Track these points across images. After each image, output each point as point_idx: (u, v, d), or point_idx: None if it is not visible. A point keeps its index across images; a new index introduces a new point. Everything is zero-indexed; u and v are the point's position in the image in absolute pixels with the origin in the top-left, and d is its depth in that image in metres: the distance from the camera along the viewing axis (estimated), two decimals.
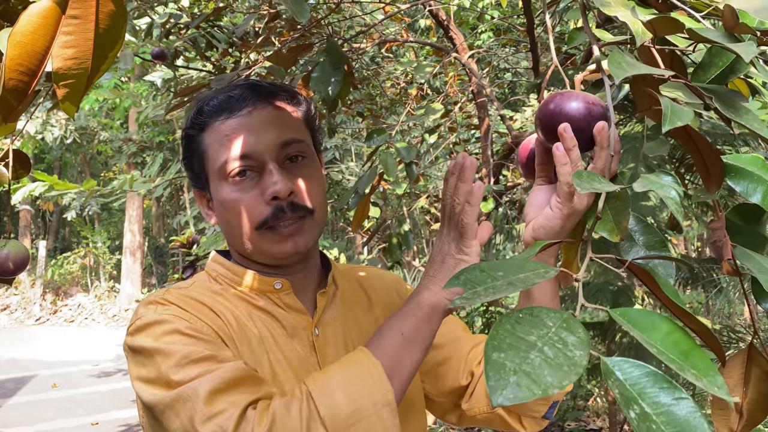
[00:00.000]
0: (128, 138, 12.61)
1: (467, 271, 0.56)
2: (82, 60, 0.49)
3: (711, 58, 0.70)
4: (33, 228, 17.13)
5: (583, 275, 0.60)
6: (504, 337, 0.47)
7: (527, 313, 0.50)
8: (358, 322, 0.99)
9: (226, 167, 0.89)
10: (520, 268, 0.57)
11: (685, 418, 0.46)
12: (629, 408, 0.47)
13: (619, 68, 0.58)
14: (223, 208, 0.91)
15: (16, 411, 5.83)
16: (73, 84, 0.48)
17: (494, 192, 3.03)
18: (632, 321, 0.53)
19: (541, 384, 0.44)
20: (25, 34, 0.45)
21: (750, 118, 0.59)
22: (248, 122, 0.89)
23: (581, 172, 0.59)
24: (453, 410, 1.04)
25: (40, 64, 0.46)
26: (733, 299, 3.39)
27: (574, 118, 0.69)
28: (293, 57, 1.75)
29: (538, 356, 0.46)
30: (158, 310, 0.84)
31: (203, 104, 0.93)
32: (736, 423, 0.82)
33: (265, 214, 0.88)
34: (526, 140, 0.86)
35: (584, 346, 0.48)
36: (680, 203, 0.56)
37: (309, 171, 0.92)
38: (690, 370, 0.48)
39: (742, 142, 2.46)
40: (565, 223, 0.75)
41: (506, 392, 0.43)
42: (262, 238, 0.89)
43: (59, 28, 0.47)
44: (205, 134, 0.92)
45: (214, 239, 6.91)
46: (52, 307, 12.63)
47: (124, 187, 3.96)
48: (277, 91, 0.94)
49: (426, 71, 3.08)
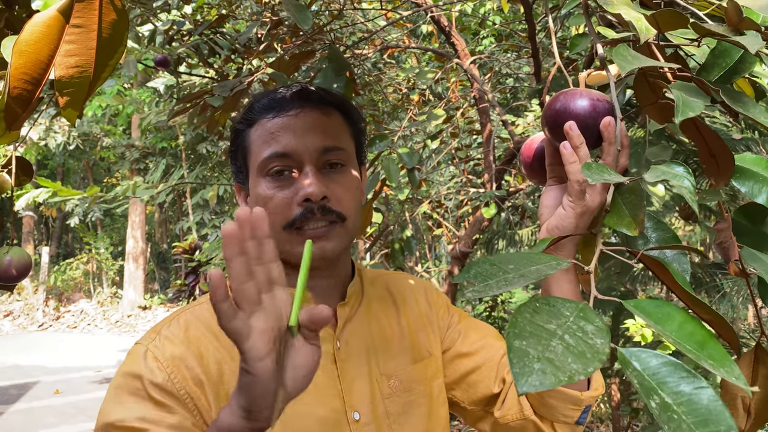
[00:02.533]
0: (131, 144, 12.65)
1: (477, 264, 0.56)
2: (84, 68, 0.49)
3: (714, 58, 0.70)
4: (36, 234, 17.16)
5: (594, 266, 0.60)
6: (524, 325, 0.47)
7: (544, 303, 0.50)
8: (383, 333, 0.98)
9: (265, 163, 0.90)
10: (531, 260, 0.57)
11: (706, 407, 0.45)
12: (650, 398, 0.46)
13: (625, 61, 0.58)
14: (256, 204, 0.92)
15: (18, 417, 5.82)
16: (74, 92, 0.49)
17: (496, 197, 3.03)
18: (646, 312, 0.53)
19: (567, 370, 0.44)
20: (30, 44, 0.45)
21: (757, 112, 0.59)
22: (293, 123, 0.91)
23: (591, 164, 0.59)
24: (485, 418, 1.03)
25: (44, 72, 0.47)
26: (736, 304, 3.38)
27: (580, 116, 0.69)
28: (296, 64, 1.75)
29: (560, 344, 0.46)
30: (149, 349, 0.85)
31: (255, 101, 0.95)
32: (744, 421, 0.82)
33: (295, 214, 0.88)
34: (529, 141, 0.86)
35: (604, 335, 0.48)
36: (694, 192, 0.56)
37: (347, 179, 0.92)
38: (707, 360, 0.48)
39: (744, 147, 2.46)
40: (578, 221, 0.75)
41: (531, 379, 0.43)
42: (289, 238, 0.89)
43: (62, 37, 0.47)
44: (251, 130, 0.94)
45: (216, 245, 6.91)
46: (54, 313, 12.64)
47: (127, 193, 3.97)
48: (328, 99, 0.95)
49: (428, 77, 3.09)
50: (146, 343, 0.86)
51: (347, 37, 3.61)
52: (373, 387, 0.92)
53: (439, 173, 5.38)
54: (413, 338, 1.01)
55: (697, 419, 0.44)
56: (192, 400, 0.82)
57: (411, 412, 0.94)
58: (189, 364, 0.84)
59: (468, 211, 3.88)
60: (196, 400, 0.82)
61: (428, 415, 0.96)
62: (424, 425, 0.95)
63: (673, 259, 0.71)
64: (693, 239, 8.15)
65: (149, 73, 5.01)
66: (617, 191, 0.66)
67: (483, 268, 0.55)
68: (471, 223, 3.36)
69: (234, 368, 0.86)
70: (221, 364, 0.86)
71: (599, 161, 0.70)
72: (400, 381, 0.95)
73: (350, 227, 0.92)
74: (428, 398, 0.97)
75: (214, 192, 7.31)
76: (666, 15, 0.59)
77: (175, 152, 12.32)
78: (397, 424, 0.92)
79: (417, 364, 0.98)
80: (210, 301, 0.60)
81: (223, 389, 0.84)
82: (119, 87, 9.93)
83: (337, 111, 0.96)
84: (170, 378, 0.82)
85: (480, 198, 3.15)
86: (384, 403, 0.92)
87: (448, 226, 4.20)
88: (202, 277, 7.56)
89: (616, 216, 0.63)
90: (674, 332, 0.50)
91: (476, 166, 4.14)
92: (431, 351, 1.02)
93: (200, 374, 0.84)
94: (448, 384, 1.04)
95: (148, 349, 0.85)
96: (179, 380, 0.82)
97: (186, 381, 0.83)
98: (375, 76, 3.94)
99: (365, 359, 0.93)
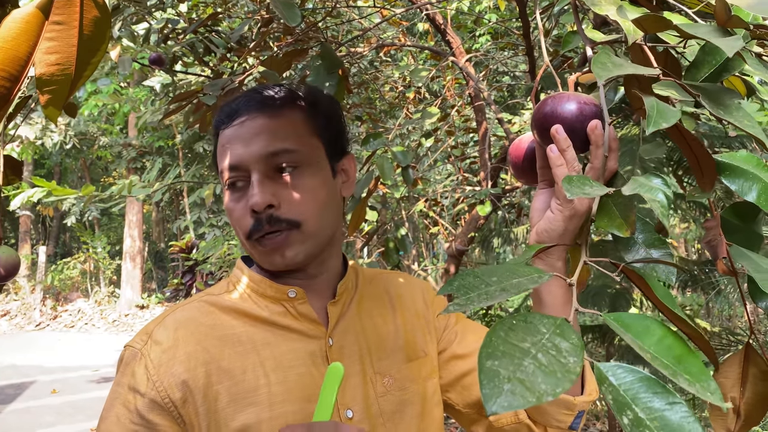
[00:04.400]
0: (128, 143, 12.63)
1: (461, 277, 0.56)
2: (66, 66, 0.49)
3: (704, 56, 0.70)
4: (33, 233, 17.13)
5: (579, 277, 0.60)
6: (498, 344, 0.47)
7: (521, 320, 0.50)
8: (377, 331, 0.98)
9: (222, 176, 0.91)
10: (513, 273, 0.56)
11: (678, 423, 0.46)
12: (622, 414, 0.46)
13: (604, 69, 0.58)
14: (227, 214, 0.94)
15: (15, 417, 5.81)
16: (56, 90, 0.48)
17: (492, 195, 3.03)
18: (625, 325, 0.53)
19: (535, 391, 0.44)
20: (7, 40, 0.45)
21: (740, 116, 0.59)
22: (240, 132, 0.89)
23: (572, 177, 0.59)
24: (480, 421, 1.02)
25: (23, 69, 0.46)
26: (732, 301, 3.38)
27: (567, 119, 0.69)
28: (288, 62, 1.74)
29: (532, 363, 0.46)
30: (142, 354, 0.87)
31: (219, 111, 0.95)
32: (734, 423, 0.82)
33: (249, 225, 0.89)
34: (517, 141, 0.85)
35: (578, 352, 0.48)
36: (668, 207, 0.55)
37: (302, 181, 0.90)
38: (683, 375, 0.48)
39: (739, 144, 2.46)
40: (567, 225, 0.74)
41: (500, 400, 0.43)
42: (253, 248, 0.91)
43: (42, 33, 0.47)
44: (217, 139, 0.94)
45: (213, 244, 6.91)
46: (52, 312, 12.62)
47: (123, 192, 3.96)
48: (280, 100, 0.92)
49: (423, 75, 3.08)
50: (139, 347, 0.88)
51: (343, 35, 3.61)
52: (366, 385, 0.92)
53: (436, 171, 5.38)
54: (408, 337, 1.00)
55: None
56: (176, 409, 0.84)
57: (405, 411, 0.94)
58: (176, 370, 0.85)
59: (464, 209, 3.87)
60: (180, 408, 0.84)
61: (422, 414, 0.96)
62: (418, 424, 0.95)
63: (660, 258, 0.70)
64: (690, 236, 8.16)
65: (145, 72, 5.00)
66: (607, 193, 0.66)
67: (466, 281, 0.55)
68: (467, 221, 3.36)
69: (223, 366, 0.87)
70: (209, 365, 0.86)
71: (588, 165, 0.70)
72: (394, 380, 0.95)
73: (310, 230, 0.90)
74: (422, 398, 0.97)
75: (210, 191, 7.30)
76: (650, 19, 0.59)
77: (171, 151, 12.31)
78: (391, 422, 0.92)
79: (411, 363, 0.98)
80: None
81: (211, 391, 0.85)
82: (115, 86, 9.91)
83: (293, 109, 0.93)
84: (158, 392, 0.84)
85: (476, 196, 3.15)
86: (378, 402, 0.92)
87: (445, 224, 4.20)
88: (199, 276, 7.56)
89: (607, 218, 0.62)
90: (653, 347, 0.50)
91: (472, 164, 4.14)
92: (427, 351, 1.01)
93: (187, 380, 0.85)
94: (444, 385, 1.03)
95: (141, 355, 0.86)
96: (164, 389, 0.84)
97: (172, 389, 0.84)
98: (371, 74, 3.93)
99: (358, 357, 0.93)
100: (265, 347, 0.89)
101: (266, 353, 0.88)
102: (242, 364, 0.87)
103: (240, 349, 0.89)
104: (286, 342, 0.90)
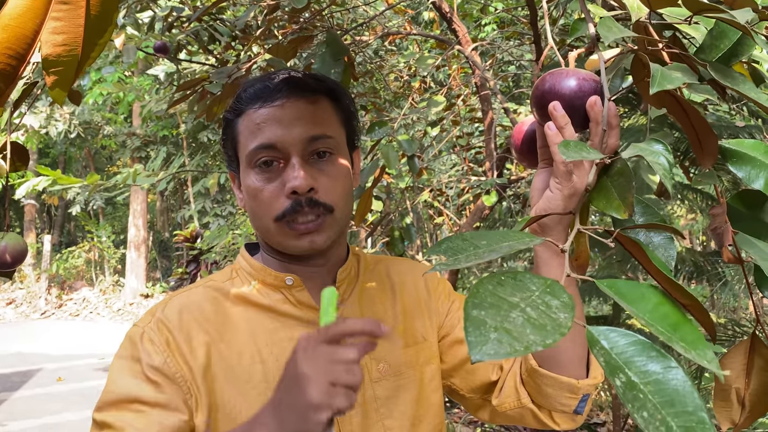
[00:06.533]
0: (132, 132, 12.63)
1: (449, 240, 0.55)
2: (72, 47, 0.48)
3: (712, 40, 0.69)
4: (38, 222, 17.19)
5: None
6: (485, 296, 0.46)
7: (510, 277, 0.49)
8: (376, 317, 0.98)
9: (252, 155, 0.90)
10: (504, 237, 0.56)
11: (674, 387, 0.44)
12: (615, 376, 0.45)
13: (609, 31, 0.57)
14: (248, 195, 0.93)
15: (22, 404, 5.86)
16: (62, 71, 0.48)
17: (497, 185, 3.02)
18: (620, 293, 0.52)
19: (523, 341, 0.43)
20: (14, 17, 0.44)
21: (747, 87, 0.58)
22: (279, 113, 0.90)
23: (568, 142, 0.58)
24: (484, 406, 1.03)
25: (29, 48, 0.46)
26: (738, 293, 3.37)
27: (566, 96, 0.68)
28: (294, 49, 1.74)
29: (521, 315, 0.45)
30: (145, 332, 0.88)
31: (242, 90, 0.95)
32: (738, 414, 0.81)
33: (284, 206, 0.89)
34: (519, 124, 0.84)
35: (568, 309, 0.47)
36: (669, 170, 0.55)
37: (335, 168, 0.92)
38: (679, 342, 0.47)
39: (748, 134, 2.44)
40: (566, 203, 0.73)
41: (486, 348, 0.42)
42: (280, 231, 0.90)
43: (48, 12, 0.46)
44: (240, 120, 0.93)
45: (217, 233, 6.92)
46: (57, 301, 12.69)
47: (128, 181, 3.97)
48: (315, 86, 0.94)
49: (429, 63, 3.07)
50: (142, 326, 0.89)
51: (348, 23, 3.59)
52: (361, 370, 0.93)
53: (441, 161, 5.37)
54: (408, 323, 1.01)
55: (663, 399, 0.43)
56: (185, 382, 0.85)
57: (400, 397, 0.95)
58: (181, 349, 0.87)
59: (469, 200, 3.86)
60: (189, 382, 0.85)
61: (418, 399, 0.97)
62: (414, 410, 0.95)
63: (659, 244, 0.70)
64: (696, 228, 8.13)
65: (150, 61, 4.99)
66: (606, 174, 0.65)
67: (454, 243, 0.54)
68: (472, 212, 3.35)
69: (222, 349, 0.88)
70: (209, 346, 0.88)
71: (588, 142, 0.68)
72: (389, 365, 0.96)
73: (339, 216, 0.92)
74: (419, 383, 0.98)
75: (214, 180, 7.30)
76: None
77: (176, 140, 12.31)
78: (385, 407, 0.93)
79: (408, 349, 0.99)
80: None
81: (209, 372, 0.86)
82: (120, 74, 9.90)
83: (326, 97, 0.95)
84: (166, 361, 0.85)
85: (481, 186, 3.14)
86: (372, 387, 0.93)
87: (449, 215, 4.19)
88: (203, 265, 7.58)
89: (604, 199, 0.62)
90: (648, 313, 0.49)
91: (477, 154, 4.13)
92: (426, 336, 1.02)
93: (189, 360, 0.86)
94: (447, 370, 1.04)
95: (144, 332, 0.88)
96: (174, 363, 0.85)
97: (178, 364, 0.85)
98: (376, 63, 3.92)
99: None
100: (265, 333, 0.91)
101: (265, 339, 0.90)
102: (240, 349, 0.89)
103: (240, 334, 0.90)
104: (285, 329, 0.92)
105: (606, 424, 4.41)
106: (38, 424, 5.30)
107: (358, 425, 0.90)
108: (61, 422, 5.31)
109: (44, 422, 5.32)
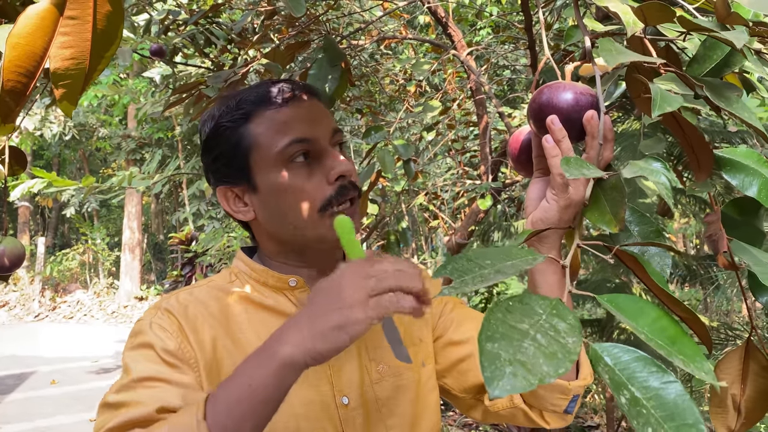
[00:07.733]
0: (127, 135, 12.60)
1: (454, 260, 0.56)
2: (80, 60, 0.49)
3: (705, 51, 0.70)
4: (32, 224, 17.12)
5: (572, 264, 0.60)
6: (497, 326, 0.47)
7: (517, 301, 0.50)
8: None
9: (285, 151, 0.91)
10: (507, 255, 0.57)
11: (674, 401, 0.46)
12: (620, 393, 0.47)
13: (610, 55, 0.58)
14: (278, 195, 0.92)
15: (15, 407, 5.83)
16: (70, 84, 0.49)
17: (492, 189, 3.03)
18: (620, 307, 0.53)
19: (537, 373, 0.44)
20: (23, 36, 0.46)
21: (739, 107, 0.60)
22: (304, 112, 0.94)
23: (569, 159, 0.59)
24: (476, 406, 1.04)
25: (38, 65, 0.47)
26: (731, 296, 3.39)
27: (563, 109, 0.69)
28: (291, 54, 1.74)
29: (532, 345, 0.46)
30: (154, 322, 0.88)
31: (243, 97, 0.95)
32: (734, 421, 0.81)
33: (329, 193, 0.91)
34: (516, 133, 0.86)
35: (576, 332, 0.48)
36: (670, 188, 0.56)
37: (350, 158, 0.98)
38: (677, 355, 0.48)
39: (740, 140, 2.46)
40: (562, 214, 0.75)
41: (503, 383, 0.43)
42: (322, 221, 0.91)
43: (57, 29, 0.47)
44: (252, 124, 0.93)
45: (212, 236, 6.91)
46: (51, 303, 12.63)
47: (123, 184, 3.96)
48: (311, 88, 1.00)
49: (424, 68, 3.08)
50: (149, 318, 0.90)
51: (344, 27, 3.60)
52: (362, 372, 0.95)
53: (436, 165, 5.38)
54: (405, 325, 1.02)
55: (664, 413, 0.45)
56: (199, 370, 0.86)
57: (399, 397, 0.96)
58: (189, 338, 0.87)
59: (464, 203, 3.88)
60: (200, 372, 0.86)
61: (417, 399, 0.98)
62: (413, 410, 0.97)
63: (654, 254, 0.71)
64: (689, 232, 8.16)
65: (145, 63, 4.98)
66: (599, 187, 0.66)
67: (460, 263, 0.55)
68: (467, 215, 3.37)
69: (228, 345, 0.89)
70: (216, 341, 0.89)
71: (583, 155, 0.70)
72: (388, 366, 0.97)
73: None
74: (417, 383, 0.99)
75: None
76: (653, 8, 0.59)
77: (171, 143, 12.28)
78: (386, 408, 0.94)
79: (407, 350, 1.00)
80: None
81: (215, 365, 0.87)
82: (115, 77, 9.88)
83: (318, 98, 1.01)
84: (180, 347, 0.85)
85: (476, 190, 3.15)
86: (373, 388, 0.94)
87: (445, 218, 4.20)
88: (198, 268, 7.55)
89: (597, 212, 0.63)
90: (647, 327, 0.51)
91: (473, 157, 4.14)
92: (422, 338, 1.04)
93: (197, 350, 0.87)
94: (440, 371, 1.05)
95: (153, 321, 0.88)
96: (188, 349, 0.86)
97: (192, 351, 0.86)
98: (372, 67, 3.93)
99: (354, 345, 0.95)
100: (269, 333, 0.91)
101: None
102: (246, 347, 0.89)
103: (245, 332, 0.91)
104: None
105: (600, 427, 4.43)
106: (31, 427, 5.27)
107: (361, 426, 0.91)
108: (54, 425, 5.28)
109: (37, 425, 5.29)
